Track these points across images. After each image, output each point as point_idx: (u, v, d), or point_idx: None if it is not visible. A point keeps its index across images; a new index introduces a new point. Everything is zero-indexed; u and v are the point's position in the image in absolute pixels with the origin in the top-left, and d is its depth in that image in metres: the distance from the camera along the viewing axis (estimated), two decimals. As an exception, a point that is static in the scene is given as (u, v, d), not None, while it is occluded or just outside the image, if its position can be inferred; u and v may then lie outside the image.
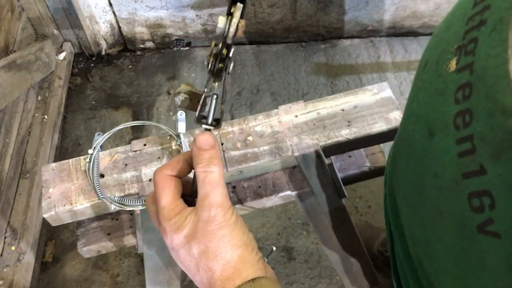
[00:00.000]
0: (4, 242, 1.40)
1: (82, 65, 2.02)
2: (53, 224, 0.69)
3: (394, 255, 0.50)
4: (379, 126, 0.72)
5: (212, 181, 0.41)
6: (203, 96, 0.50)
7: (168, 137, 0.73)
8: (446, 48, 0.34)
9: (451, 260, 0.33)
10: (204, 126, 0.45)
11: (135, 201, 0.66)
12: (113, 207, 0.66)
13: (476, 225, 0.28)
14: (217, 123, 0.46)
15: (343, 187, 0.76)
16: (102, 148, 0.73)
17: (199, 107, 0.48)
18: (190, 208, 0.42)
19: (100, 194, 0.66)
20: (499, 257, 0.27)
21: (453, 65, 0.32)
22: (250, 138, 0.72)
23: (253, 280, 0.40)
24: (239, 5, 0.43)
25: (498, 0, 0.29)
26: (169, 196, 0.42)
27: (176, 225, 0.41)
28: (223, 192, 0.41)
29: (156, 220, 0.43)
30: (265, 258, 0.46)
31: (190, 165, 0.44)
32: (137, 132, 1.78)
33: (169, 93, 1.90)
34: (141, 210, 0.67)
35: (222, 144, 0.72)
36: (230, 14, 0.44)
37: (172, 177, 0.43)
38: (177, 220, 0.41)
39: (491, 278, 0.28)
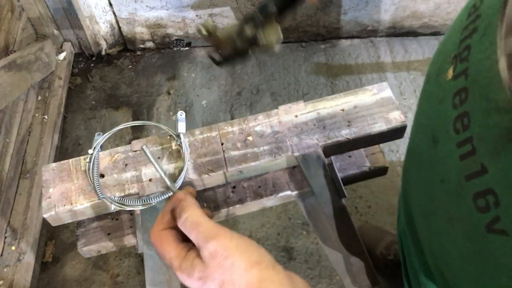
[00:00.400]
0: (4, 242, 1.40)
1: (82, 65, 2.02)
2: (53, 224, 0.69)
3: (407, 273, 0.50)
4: (379, 126, 0.72)
5: (192, 224, 0.42)
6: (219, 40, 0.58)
7: (168, 137, 0.73)
8: (444, 59, 0.35)
9: (467, 264, 0.33)
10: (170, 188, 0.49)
11: (135, 201, 0.66)
12: (113, 207, 0.66)
13: (484, 225, 0.29)
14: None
15: (343, 187, 0.76)
16: (102, 148, 0.73)
17: (218, 47, 0.56)
18: (194, 251, 0.42)
19: (100, 194, 0.66)
20: (510, 254, 0.27)
21: (450, 73, 0.33)
22: (250, 138, 0.72)
23: None
24: None
25: (487, 8, 0.30)
26: (169, 247, 0.43)
27: (187, 271, 0.41)
28: (208, 226, 0.42)
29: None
30: None
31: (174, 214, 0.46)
32: (137, 132, 1.78)
33: (169, 93, 1.90)
34: (141, 210, 0.67)
35: (222, 144, 0.72)
36: None
37: (165, 230, 0.45)
38: (186, 266, 0.41)
39: (508, 277, 0.28)
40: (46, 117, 1.71)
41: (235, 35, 0.62)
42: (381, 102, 0.75)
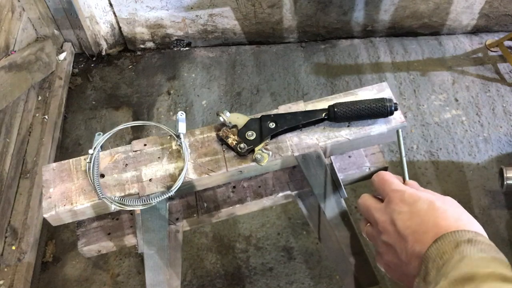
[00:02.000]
0: (5, 242, 1.40)
1: (82, 65, 2.02)
2: (54, 224, 0.69)
3: None
4: (379, 127, 0.72)
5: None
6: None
7: (168, 137, 0.73)
8: None
9: None
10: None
11: (135, 201, 0.66)
12: (113, 207, 0.67)
13: None
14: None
15: (343, 187, 0.76)
16: (103, 148, 0.73)
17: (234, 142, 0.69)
18: None
19: (100, 194, 0.66)
20: None
21: None
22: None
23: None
24: None
25: None
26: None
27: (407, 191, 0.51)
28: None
29: (381, 208, 0.52)
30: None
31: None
32: (137, 132, 1.78)
33: (169, 93, 1.91)
34: (141, 210, 0.67)
35: (222, 144, 0.72)
36: None
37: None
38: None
39: None
40: (46, 117, 1.71)
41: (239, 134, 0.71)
42: (380, 102, 0.75)
